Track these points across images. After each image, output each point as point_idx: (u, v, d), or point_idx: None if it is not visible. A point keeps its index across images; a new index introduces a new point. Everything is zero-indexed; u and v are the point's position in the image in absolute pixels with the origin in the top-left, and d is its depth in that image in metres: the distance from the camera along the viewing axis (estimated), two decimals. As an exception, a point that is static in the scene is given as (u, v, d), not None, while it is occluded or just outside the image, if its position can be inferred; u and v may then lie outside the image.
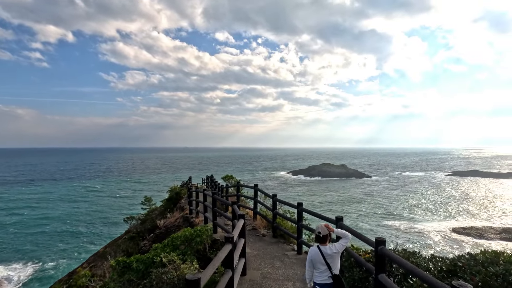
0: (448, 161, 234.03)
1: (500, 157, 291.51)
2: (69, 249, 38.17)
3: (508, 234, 47.49)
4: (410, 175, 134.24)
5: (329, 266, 3.73)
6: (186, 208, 13.52)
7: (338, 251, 3.82)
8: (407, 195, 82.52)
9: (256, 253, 7.74)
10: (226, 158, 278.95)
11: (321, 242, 3.86)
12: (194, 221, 10.68)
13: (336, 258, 3.83)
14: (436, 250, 40.50)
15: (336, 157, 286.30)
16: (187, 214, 12.50)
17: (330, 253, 3.76)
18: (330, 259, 3.75)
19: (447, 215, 60.83)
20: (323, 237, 3.83)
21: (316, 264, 3.80)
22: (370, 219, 58.92)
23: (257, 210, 11.30)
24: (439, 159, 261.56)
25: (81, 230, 46.28)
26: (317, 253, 3.78)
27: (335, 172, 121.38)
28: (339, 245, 3.85)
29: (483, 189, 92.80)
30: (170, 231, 10.62)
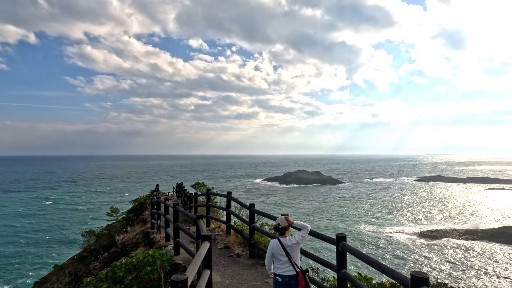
0: (414, 167, 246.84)
1: (458, 163, 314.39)
2: (7, 276, 31.24)
3: (470, 235, 49.75)
4: (381, 181, 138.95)
5: (290, 257, 3.78)
6: (149, 221, 11.64)
7: (298, 242, 3.91)
8: (379, 201, 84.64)
9: (229, 281, 6.00)
10: (200, 166, 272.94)
11: (280, 233, 3.93)
12: (154, 237, 8.85)
13: (296, 249, 3.91)
14: (405, 254, 41.19)
15: (310, 164, 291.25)
16: (148, 228, 10.71)
17: (290, 244, 3.84)
18: (290, 250, 3.81)
19: (415, 219, 62.79)
20: (282, 229, 3.90)
21: (277, 255, 3.84)
22: (346, 224, 59.20)
23: (231, 223, 9.37)
24: (405, 165, 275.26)
25: (31, 251, 39.06)
26: (278, 245, 3.84)
27: (310, 178, 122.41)
28: (298, 236, 3.94)
29: (447, 194, 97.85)
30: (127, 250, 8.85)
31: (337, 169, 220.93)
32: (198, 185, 19.84)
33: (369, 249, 43.78)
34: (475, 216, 64.93)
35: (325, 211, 69.18)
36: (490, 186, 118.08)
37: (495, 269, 36.10)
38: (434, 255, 40.67)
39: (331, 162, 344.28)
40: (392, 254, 40.90)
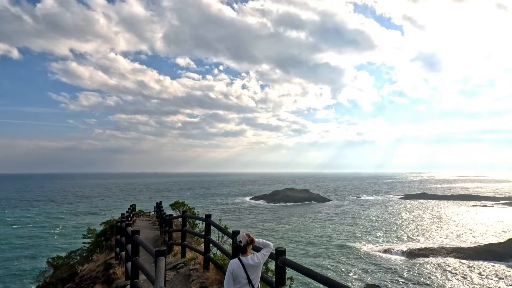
0: (398, 184, 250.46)
1: (441, 180, 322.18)
2: None
3: (458, 253, 49.45)
4: (368, 199, 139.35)
5: (250, 279, 3.41)
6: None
7: (260, 261, 3.57)
8: (367, 219, 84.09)
9: None
10: (187, 183, 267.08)
11: (242, 252, 3.52)
12: (115, 272, 7.43)
13: (258, 270, 3.57)
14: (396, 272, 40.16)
15: (298, 182, 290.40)
16: (112, 258, 9.36)
17: (252, 263, 3.47)
18: (252, 270, 3.46)
19: (404, 237, 62.25)
20: (243, 247, 3.51)
21: (238, 277, 3.41)
22: (333, 242, 57.99)
23: (210, 254, 7.52)
24: (390, 183, 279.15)
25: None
26: (238, 265, 3.42)
27: (298, 196, 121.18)
28: (261, 255, 3.61)
29: (433, 211, 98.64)
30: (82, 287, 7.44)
31: (325, 187, 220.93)
32: (177, 205, 17.76)
33: (355, 268, 42.45)
34: (461, 233, 65.11)
35: (312, 230, 67.72)
36: (473, 203, 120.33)
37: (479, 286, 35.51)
38: (421, 273, 39.82)
39: (319, 180, 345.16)
40: (377, 273, 39.76)
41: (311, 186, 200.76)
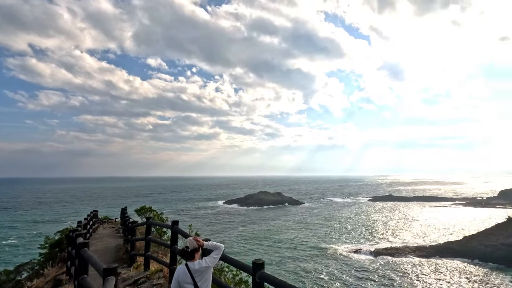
0: (366, 187, 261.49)
1: (405, 183, 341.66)
2: None
3: (421, 252, 52.21)
4: (338, 201, 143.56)
5: (197, 286, 3.18)
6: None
7: (209, 265, 3.31)
8: (338, 220, 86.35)
9: None
10: (157, 188, 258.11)
11: (189, 257, 3.29)
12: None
13: (206, 274, 3.29)
14: (364, 271, 41.42)
15: (271, 185, 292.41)
16: (63, 274, 8.34)
17: (198, 268, 3.23)
18: (198, 276, 3.22)
19: (372, 237, 64.57)
20: (191, 252, 3.29)
21: (183, 285, 3.18)
22: (308, 244, 58.74)
23: (176, 266, 6.70)
24: (359, 185, 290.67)
25: None
26: (184, 271, 3.20)
27: (271, 200, 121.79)
28: (210, 259, 3.34)
29: (398, 212, 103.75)
30: (25, 309, 6.43)
31: (297, 190, 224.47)
32: (143, 210, 16.35)
33: (327, 268, 43.19)
34: (423, 232, 68.90)
35: (285, 232, 68.11)
36: (434, 204, 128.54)
37: (438, 282, 37.62)
38: (387, 271, 41.37)
39: (291, 183, 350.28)
40: (347, 272, 40.74)
41: (284, 189, 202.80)
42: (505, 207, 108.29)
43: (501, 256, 47.16)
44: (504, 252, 47.72)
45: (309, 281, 39.22)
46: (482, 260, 47.11)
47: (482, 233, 54.50)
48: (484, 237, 52.94)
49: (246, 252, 52.20)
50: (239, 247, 55.36)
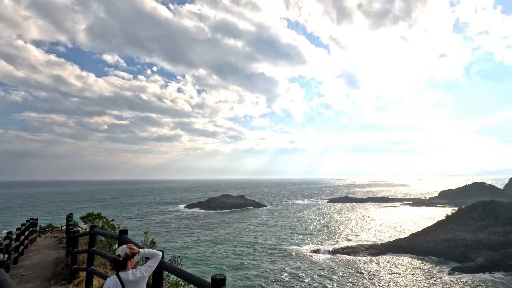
0: (325, 189, 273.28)
1: (359, 185, 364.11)
2: None
3: (374, 249, 55.69)
4: (299, 203, 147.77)
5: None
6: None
7: (144, 274, 3.01)
8: (299, 222, 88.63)
9: None
10: (112, 192, 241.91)
11: (121, 267, 2.99)
12: None
13: (141, 285, 3.00)
14: (322, 270, 42.94)
15: (234, 188, 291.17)
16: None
17: (132, 279, 2.93)
18: (132, 287, 2.92)
19: (330, 237, 67.29)
20: (123, 261, 2.99)
21: None
22: (269, 246, 59.22)
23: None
24: (318, 187, 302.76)
25: None
26: (115, 283, 2.89)
27: (234, 203, 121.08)
28: (145, 268, 3.05)
29: (354, 213, 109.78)
30: None
31: (260, 193, 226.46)
32: (90, 218, 14.49)
33: (288, 268, 43.98)
34: (376, 231, 73.65)
35: (247, 235, 68.04)
36: (385, 204, 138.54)
37: (389, 277, 40.45)
38: (343, 269, 43.45)
39: (254, 186, 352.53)
40: (308, 274, 41.92)
41: (247, 192, 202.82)
42: (444, 206, 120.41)
43: (441, 250, 52.20)
44: (444, 247, 52.89)
45: (270, 281, 39.51)
46: (426, 255, 51.64)
47: (425, 230, 59.88)
48: (427, 234, 58.21)
49: (207, 257, 51.02)
50: (199, 253, 53.93)
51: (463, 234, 55.51)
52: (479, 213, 59.37)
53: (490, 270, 43.52)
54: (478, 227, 55.91)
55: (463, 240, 53.61)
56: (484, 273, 42.55)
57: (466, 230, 56.51)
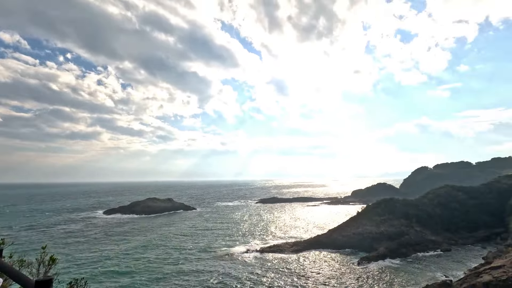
0: (255, 190, 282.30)
1: (286, 186, 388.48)
2: None
3: (297, 246, 59.96)
4: (229, 204, 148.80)
5: None
6: None
7: None
8: (229, 223, 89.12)
9: None
10: (8, 198, 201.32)
11: None
12: None
13: None
14: (251, 270, 44.17)
15: (162, 191, 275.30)
16: None
17: None
18: None
19: (259, 237, 69.64)
20: None
21: None
22: (199, 248, 57.57)
23: None
24: (248, 189, 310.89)
25: None
26: None
27: (161, 206, 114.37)
28: None
29: (281, 212, 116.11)
30: None
31: (190, 195, 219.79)
32: None
33: (218, 269, 43.74)
34: (300, 229, 79.44)
35: (174, 238, 65.07)
36: (308, 203, 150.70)
37: (306, 271, 44.28)
38: (270, 267, 45.67)
39: (184, 188, 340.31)
40: (237, 274, 42.55)
41: (176, 195, 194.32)
42: (355, 203, 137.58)
43: (353, 243, 59.42)
44: (355, 240, 60.32)
45: (197, 284, 38.55)
46: (341, 248, 58.02)
47: (341, 226, 67.39)
48: (342, 229, 65.58)
49: (128, 268, 46.84)
50: (119, 264, 49.12)
51: (370, 227, 64.42)
52: (381, 209, 69.78)
53: (389, 257, 51.62)
54: (381, 221, 65.67)
55: (369, 233, 62.16)
56: (384, 260, 50.19)
57: (372, 224, 65.74)
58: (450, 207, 71.99)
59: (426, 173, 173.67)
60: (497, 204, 74.13)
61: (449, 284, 36.91)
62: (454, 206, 72.48)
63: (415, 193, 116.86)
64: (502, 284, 33.31)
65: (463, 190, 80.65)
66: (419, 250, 55.32)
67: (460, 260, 49.98)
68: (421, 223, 64.87)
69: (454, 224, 68.02)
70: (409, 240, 57.86)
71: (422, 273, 43.22)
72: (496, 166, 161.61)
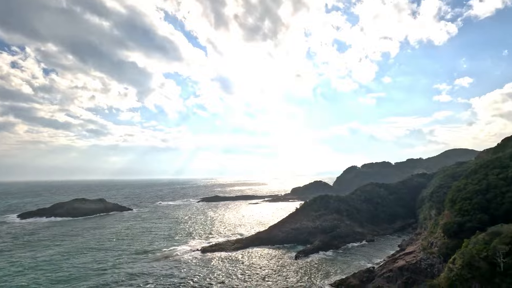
0: (196, 189, 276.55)
1: (228, 184, 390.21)
2: None
3: (239, 244, 60.58)
4: (170, 204, 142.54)
5: None
6: None
7: None
8: (170, 223, 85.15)
9: None
10: None
11: None
12: None
13: None
14: (191, 270, 43.06)
15: (92, 191, 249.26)
16: None
17: None
18: None
19: (201, 236, 68.32)
20: None
21: None
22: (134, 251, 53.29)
23: None
24: (189, 187, 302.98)
25: None
26: None
27: (91, 208, 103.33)
28: None
29: (224, 211, 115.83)
30: None
31: (125, 195, 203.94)
32: None
33: (156, 271, 41.36)
34: (243, 226, 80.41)
35: (103, 244, 59.39)
36: (250, 201, 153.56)
37: (248, 268, 45.34)
38: (211, 266, 45.24)
39: (119, 188, 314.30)
40: (176, 275, 41.05)
41: (109, 195, 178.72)
42: (295, 200, 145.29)
43: (291, 238, 62.53)
44: (293, 235, 63.59)
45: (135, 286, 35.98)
46: (280, 244, 60.50)
47: (280, 222, 70.34)
48: (282, 225, 68.52)
49: (48, 280, 41.40)
50: (35, 275, 43.02)
51: (307, 223, 68.73)
52: (317, 205, 75.08)
53: (323, 249, 55.81)
54: (316, 216, 70.61)
55: (306, 228, 66.28)
56: (318, 252, 54.09)
57: (308, 219, 70.24)
58: (374, 202, 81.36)
59: (355, 171, 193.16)
60: (410, 199, 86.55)
61: (372, 270, 41.70)
62: (377, 201, 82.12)
63: (346, 189, 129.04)
64: (412, 267, 39.00)
65: (384, 186, 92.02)
66: (348, 241, 61.13)
67: (381, 248, 56.80)
68: (351, 217, 71.75)
69: (377, 217, 77.02)
70: (340, 233, 63.51)
71: (351, 262, 47.90)
72: (410, 166, 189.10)
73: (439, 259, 35.52)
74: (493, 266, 22.21)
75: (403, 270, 37.91)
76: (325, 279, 40.40)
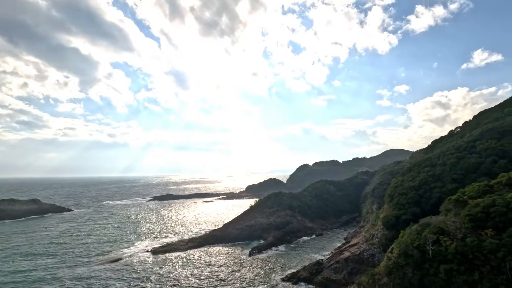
0: (147, 187, 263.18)
1: (181, 182, 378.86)
2: None
3: (192, 243, 59.38)
4: (117, 203, 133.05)
5: None
6: None
7: None
8: (116, 224, 79.41)
9: None
10: None
11: None
12: None
13: None
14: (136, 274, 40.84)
15: (23, 190, 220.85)
16: None
17: None
18: None
19: (151, 237, 65.10)
20: None
21: None
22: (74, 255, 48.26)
23: None
24: (139, 186, 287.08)
25: None
26: None
27: (22, 210, 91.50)
28: None
29: (176, 209, 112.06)
30: None
31: (65, 194, 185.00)
32: None
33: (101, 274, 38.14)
34: (197, 225, 78.75)
35: (34, 252, 53.11)
36: (204, 199, 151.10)
37: (201, 268, 44.78)
38: (163, 267, 43.53)
39: (56, 187, 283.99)
40: (125, 275, 38.61)
41: (44, 195, 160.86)
42: (249, 198, 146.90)
43: (246, 235, 63.16)
44: (248, 232, 64.31)
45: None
46: (235, 241, 60.69)
47: (235, 220, 70.60)
48: (236, 222, 68.82)
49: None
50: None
51: (261, 219, 70.05)
52: (271, 202, 77.00)
53: (276, 245, 57.48)
54: (270, 213, 72.40)
55: (260, 225, 67.54)
56: (271, 248, 55.54)
57: (262, 216, 71.66)
58: (323, 198, 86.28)
59: (307, 169, 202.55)
60: (355, 195, 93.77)
61: (320, 263, 44.19)
62: (326, 197, 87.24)
63: (299, 186, 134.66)
64: (356, 258, 42.26)
65: (333, 183, 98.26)
66: (300, 236, 63.89)
67: (329, 241, 60.48)
68: (302, 213, 75.03)
69: (326, 212, 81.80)
70: (293, 228, 66.06)
71: (302, 256, 50.12)
72: (356, 164, 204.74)
73: (379, 249, 39.02)
74: (424, 253, 25.09)
75: (348, 261, 40.82)
76: (278, 274, 41.61)
